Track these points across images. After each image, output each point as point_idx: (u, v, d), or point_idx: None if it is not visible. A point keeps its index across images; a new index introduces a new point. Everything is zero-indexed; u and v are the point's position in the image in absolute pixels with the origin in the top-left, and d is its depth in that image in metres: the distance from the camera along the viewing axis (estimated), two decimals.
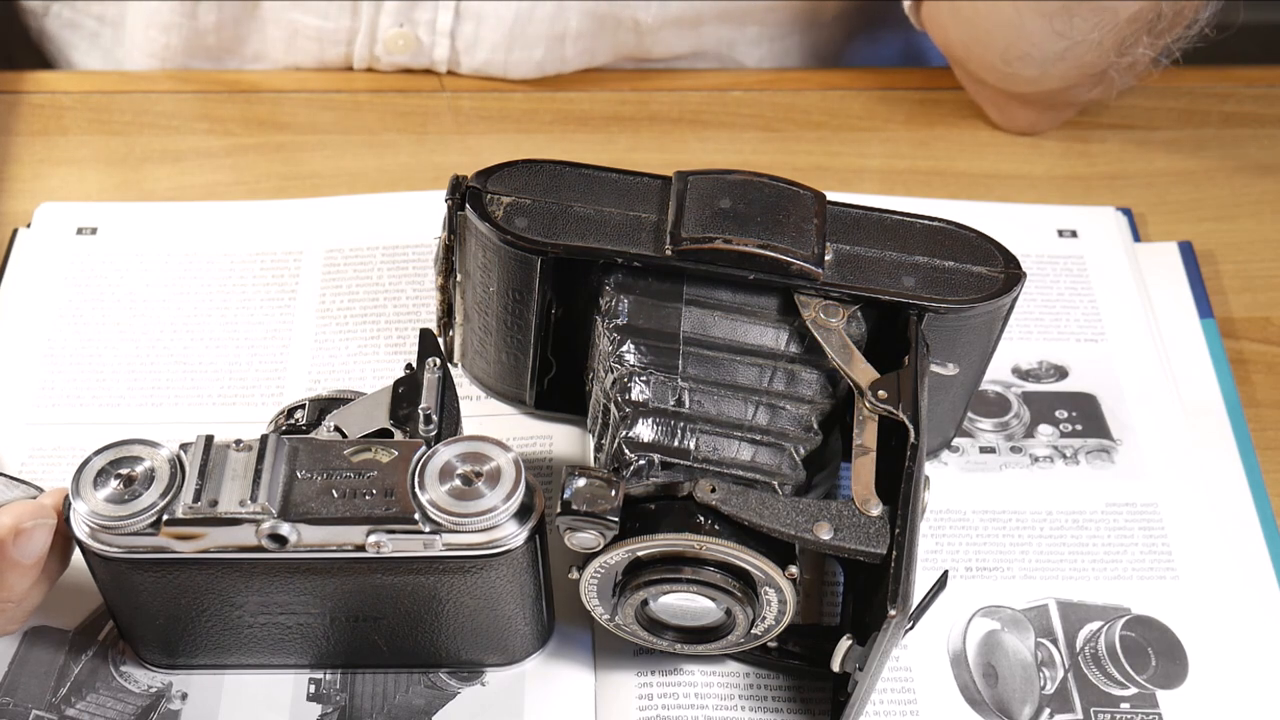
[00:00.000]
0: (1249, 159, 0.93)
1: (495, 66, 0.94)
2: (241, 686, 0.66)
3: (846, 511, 0.60)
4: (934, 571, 0.63)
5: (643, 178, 0.68)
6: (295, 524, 0.58)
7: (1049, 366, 0.80)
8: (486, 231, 0.66)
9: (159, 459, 0.59)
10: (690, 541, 0.59)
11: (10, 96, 0.94)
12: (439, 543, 0.58)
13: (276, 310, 0.81)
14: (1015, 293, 0.66)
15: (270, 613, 0.63)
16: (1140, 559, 0.72)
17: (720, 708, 0.66)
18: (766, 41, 0.99)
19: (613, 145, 0.92)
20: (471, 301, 0.72)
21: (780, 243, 0.64)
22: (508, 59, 0.93)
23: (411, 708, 0.66)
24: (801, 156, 0.92)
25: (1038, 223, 0.87)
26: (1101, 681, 0.68)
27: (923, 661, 0.68)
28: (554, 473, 0.74)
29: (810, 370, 0.66)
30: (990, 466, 0.75)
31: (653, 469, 0.63)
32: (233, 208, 0.87)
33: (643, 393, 0.64)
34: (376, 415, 0.62)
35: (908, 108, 0.95)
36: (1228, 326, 0.83)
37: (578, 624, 0.68)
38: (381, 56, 0.94)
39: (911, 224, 0.68)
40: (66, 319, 0.80)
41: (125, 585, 0.61)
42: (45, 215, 0.85)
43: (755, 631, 0.63)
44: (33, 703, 0.66)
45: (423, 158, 0.91)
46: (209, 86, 0.95)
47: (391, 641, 0.65)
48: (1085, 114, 0.94)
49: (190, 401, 0.77)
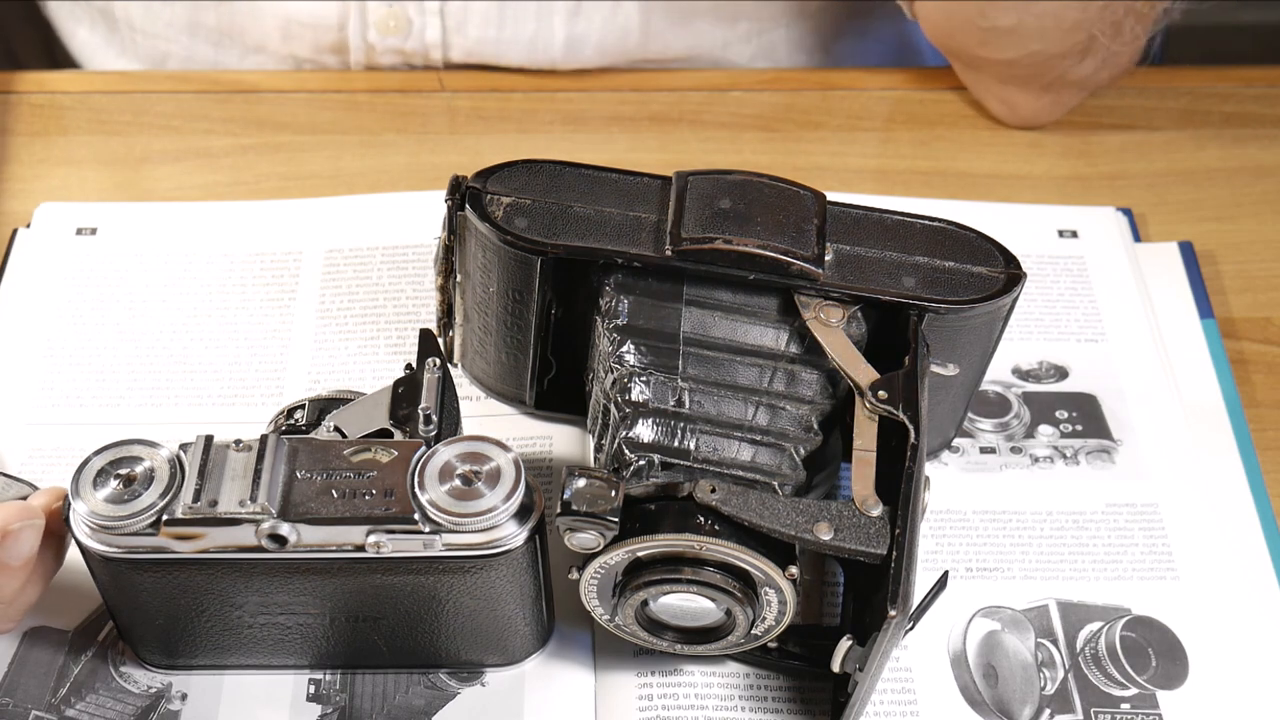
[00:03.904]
0: (1249, 159, 0.92)
1: (488, 45, 0.94)
2: (241, 687, 0.66)
3: (846, 512, 0.60)
4: (934, 572, 0.63)
5: (642, 178, 0.68)
6: (295, 524, 0.58)
7: (1049, 367, 0.80)
8: (486, 232, 0.66)
9: (159, 459, 0.59)
10: (690, 542, 0.59)
11: (10, 96, 0.94)
12: (439, 543, 0.58)
13: (276, 310, 0.81)
14: (1015, 293, 0.66)
15: (270, 613, 0.63)
16: (1140, 559, 0.72)
17: (720, 708, 0.66)
18: (755, 36, 0.99)
19: (613, 145, 0.92)
20: (471, 302, 0.72)
21: (780, 243, 0.64)
22: (499, 36, 0.93)
23: (411, 708, 0.66)
24: (801, 156, 0.92)
25: (1038, 223, 0.87)
26: (1102, 682, 0.68)
27: (923, 662, 0.68)
28: (554, 473, 0.74)
29: (810, 370, 0.66)
30: (990, 467, 0.75)
31: (653, 469, 0.63)
32: (232, 208, 0.87)
33: (643, 393, 0.64)
34: (376, 415, 0.62)
35: (908, 107, 0.95)
36: (1228, 327, 0.83)
37: (578, 624, 0.68)
38: (376, 43, 0.94)
39: (911, 224, 0.68)
40: (66, 319, 0.80)
41: (125, 586, 0.61)
42: (45, 215, 0.85)
43: (755, 632, 0.63)
44: (32, 703, 0.65)
45: (422, 158, 0.91)
46: (209, 86, 0.95)
47: (391, 642, 0.65)
48: (1085, 114, 0.94)
49: (190, 401, 0.77)
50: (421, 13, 0.93)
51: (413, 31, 0.93)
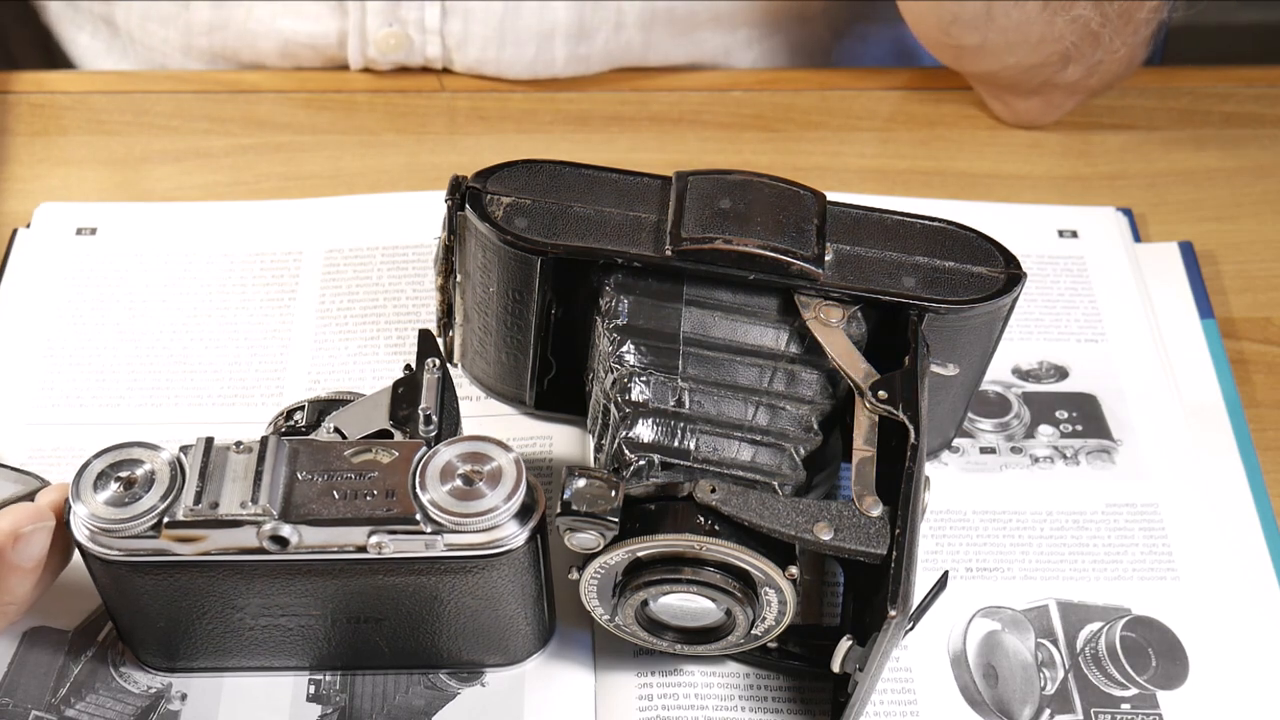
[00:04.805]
0: (1249, 159, 0.92)
1: (488, 65, 0.94)
2: (241, 687, 0.66)
3: (847, 512, 0.60)
4: (934, 572, 0.63)
5: (643, 178, 0.68)
6: (297, 525, 0.58)
7: (1049, 367, 0.80)
8: (486, 232, 0.66)
9: (159, 462, 0.59)
10: (690, 542, 0.59)
11: (10, 97, 0.94)
12: (440, 543, 0.58)
13: (276, 310, 0.81)
14: (1015, 293, 0.66)
15: (271, 615, 0.62)
16: (1140, 559, 0.72)
17: (720, 708, 0.66)
18: (756, 42, 0.99)
19: (613, 145, 0.92)
20: (471, 302, 0.72)
21: (780, 243, 0.64)
22: (500, 56, 0.93)
23: (411, 708, 0.66)
24: (801, 156, 0.92)
25: (1038, 223, 0.87)
26: (1102, 682, 0.68)
27: (923, 662, 0.68)
28: (554, 473, 0.74)
29: (810, 370, 0.66)
30: (990, 467, 0.75)
31: (653, 469, 0.63)
32: (232, 208, 0.87)
33: (643, 393, 0.64)
34: (376, 416, 0.62)
35: (908, 108, 0.95)
36: (1228, 327, 0.83)
37: (578, 624, 0.68)
38: (376, 59, 0.94)
39: (911, 224, 0.68)
40: (66, 319, 0.80)
41: (126, 589, 0.61)
42: (45, 215, 0.85)
43: (755, 632, 0.63)
44: (32, 703, 0.65)
45: (422, 158, 0.91)
46: (208, 86, 0.95)
47: (393, 642, 0.65)
48: (1085, 114, 0.94)
49: (190, 401, 0.77)
50: (421, 31, 0.92)
51: (413, 49, 0.93)
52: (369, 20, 0.92)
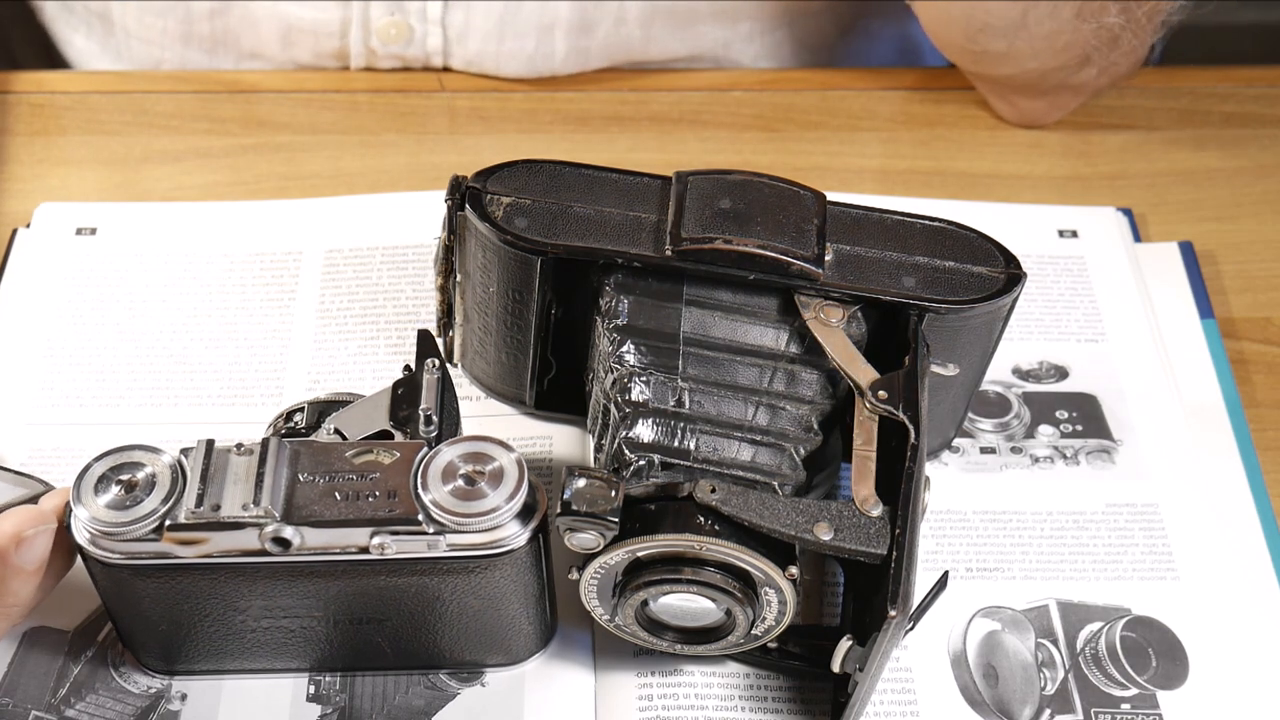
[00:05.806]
0: (1249, 159, 0.93)
1: (488, 58, 0.94)
2: (241, 687, 0.66)
3: (847, 512, 0.60)
4: (934, 572, 0.63)
5: (642, 178, 0.68)
6: (299, 527, 0.58)
7: (1049, 367, 0.80)
8: (486, 232, 0.66)
9: (160, 464, 0.58)
10: (690, 542, 0.59)
11: (9, 96, 0.94)
12: (443, 543, 0.58)
13: (276, 310, 0.81)
14: (1016, 293, 0.66)
15: (273, 617, 0.62)
16: (1141, 559, 0.72)
17: (720, 708, 0.66)
18: (758, 36, 0.99)
19: (613, 145, 0.92)
20: (471, 302, 0.72)
21: (780, 243, 0.64)
22: (500, 49, 0.93)
23: (411, 708, 0.66)
24: (801, 156, 0.92)
25: (1038, 223, 0.87)
26: (1102, 682, 0.68)
27: (923, 662, 0.68)
28: (554, 473, 0.74)
29: (810, 370, 0.66)
30: (990, 467, 0.75)
31: (653, 469, 0.63)
32: (232, 208, 0.87)
33: (643, 393, 0.64)
34: (376, 417, 0.62)
35: (908, 108, 0.95)
36: (1228, 327, 0.83)
37: (578, 624, 0.68)
38: (377, 49, 0.94)
39: (911, 224, 0.68)
40: (66, 319, 0.80)
41: (127, 592, 0.61)
42: (44, 215, 0.85)
43: (755, 632, 0.63)
44: (32, 703, 0.65)
45: (422, 158, 0.91)
46: (208, 86, 0.95)
47: (395, 643, 0.65)
48: (1086, 114, 0.94)
49: (190, 402, 0.77)
50: (423, 21, 0.92)
51: (414, 39, 0.93)
52: (372, 8, 0.92)
